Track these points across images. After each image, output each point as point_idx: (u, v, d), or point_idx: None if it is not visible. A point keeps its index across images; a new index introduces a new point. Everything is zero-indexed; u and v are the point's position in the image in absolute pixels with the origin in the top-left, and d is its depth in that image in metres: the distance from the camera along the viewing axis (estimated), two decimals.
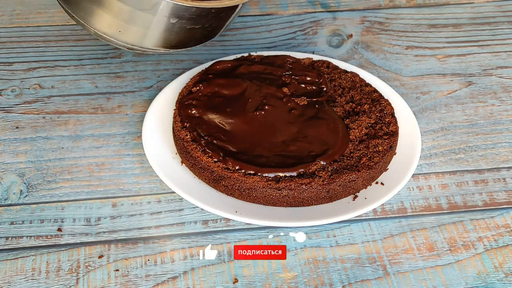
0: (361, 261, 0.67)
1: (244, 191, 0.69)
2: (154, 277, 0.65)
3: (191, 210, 0.71)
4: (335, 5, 0.99)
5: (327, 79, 0.81)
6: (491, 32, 0.94)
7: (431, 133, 0.80)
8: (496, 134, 0.80)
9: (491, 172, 0.76)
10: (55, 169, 0.75)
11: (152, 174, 0.74)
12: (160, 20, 0.69)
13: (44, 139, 0.78)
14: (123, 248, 0.68)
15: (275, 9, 0.98)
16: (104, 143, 0.78)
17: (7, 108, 0.82)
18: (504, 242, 0.69)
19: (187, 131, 0.73)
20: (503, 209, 0.72)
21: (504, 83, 0.87)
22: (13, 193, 0.73)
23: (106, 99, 0.84)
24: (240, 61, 0.82)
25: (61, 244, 0.68)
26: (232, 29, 0.94)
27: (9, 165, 0.75)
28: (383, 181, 0.72)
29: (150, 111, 0.78)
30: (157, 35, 0.72)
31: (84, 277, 0.65)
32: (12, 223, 0.70)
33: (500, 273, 0.66)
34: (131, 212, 0.71)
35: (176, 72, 0.87)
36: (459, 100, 0.84)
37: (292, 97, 0.77)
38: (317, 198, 0.70)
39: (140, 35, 0.72)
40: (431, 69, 0.89)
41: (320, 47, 0.92)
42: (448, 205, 0.72)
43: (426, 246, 0.68)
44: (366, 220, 0.71)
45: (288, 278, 0.66)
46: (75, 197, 0.72)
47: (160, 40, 0.72)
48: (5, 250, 0.67)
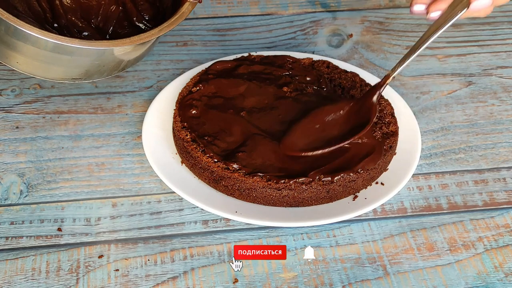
0: (361, 261, 0.67)
1: (244, 191, 0.69)
2: (154, 277, 0.65)
3: (191, 210, 0.71)
4: (335, 5, 0.99)
5: (327, 79, 0.81)
6: (491, 32, 0.94)
7: (431, 133, 0.80)
8: (496, 134, 0.80)
9: (491, 172, 0.76)
10: (55, 169, 0.75)
11: (152, 174, 0.74)
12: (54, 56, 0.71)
13: (44, 139, 0.78)
14: (123, 248, 0.68)
15: (275, 9, 0.98)
16: (104, 143, 0.78)
17: (7, 108, 0.82)
18: (504, 242, 0.69)
19: (187, 131, 0.73)
20: (503, 209, 0.72)
21: (504, 83, 0.87)
22: (13, 193, 0.73)
23: (106, 99, 0.84)
24: (240, 61, 0.82)
25: (61, 244, 0.68)
26: (232, 29, 0.94)
27: (9, 165, 0.75)
28: (383, 181, 0.72)
29: (150, 111, 0.78)
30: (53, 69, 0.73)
31: (84, 277, 0.65)
32: (12, 223, 0.70)
33: (500, 273, 0.66)
34: (131, 212, 0.71)
35: (176, 72, 0.87)
36: (459, 100, 0.84)
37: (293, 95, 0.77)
38: (317, 198, 0.70)
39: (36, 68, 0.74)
40: (431, 69, 0.89)
41: (320, 47, 0.92)
42: (448, 205, 0.72)
43: (426, 246, 0.68)
44: (366, 220, 0.71)
45: (288, 278, 0.66)
46: (75, 197, 0.72)
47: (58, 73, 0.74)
48: (5, 250, 0.67)
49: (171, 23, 0.74)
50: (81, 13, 0.81)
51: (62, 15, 0.80)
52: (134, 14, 0.81)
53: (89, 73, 0.74)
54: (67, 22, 0.80)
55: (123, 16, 0.82)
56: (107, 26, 0.82)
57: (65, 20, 0.80)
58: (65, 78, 0.74)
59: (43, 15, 0.79)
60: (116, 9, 0.82)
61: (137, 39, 0.71)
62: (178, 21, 0.74)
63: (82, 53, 0.70)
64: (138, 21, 0.82)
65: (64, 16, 0.80)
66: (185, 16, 0.74)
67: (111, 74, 0.77)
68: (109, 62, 0.74)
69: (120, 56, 0.74)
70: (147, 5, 0.83)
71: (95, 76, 0.75)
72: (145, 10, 0.82)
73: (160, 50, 0.90)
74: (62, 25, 0.79)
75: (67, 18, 0.80)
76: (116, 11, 0.81)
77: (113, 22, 0.81)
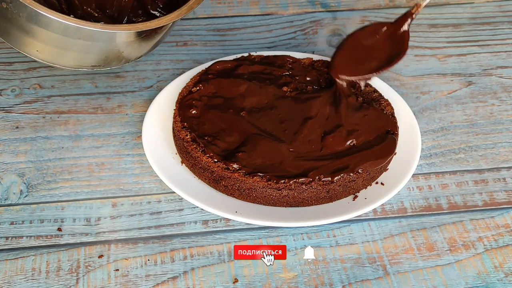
0: (361, 261, 0.67)
1: (244, 191, 0.69)
2: (154, 277, 0.65)
3: (191, 210, 0.71)
4: (335, 5, 0.99)
5: (327, 79, 0.81)
6: (491, 32, 0.94)
7: (431, 133, 0.80)
8: (496, 134, 0.80)
9: (491, 172, 0.76)
10: (55, 169, 0.75)
11: (152, 174, 0.74)
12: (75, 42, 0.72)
13: (44, 139, 0.78)
14: (123, 248, 0.68)
15: (275, 9, 0.98)
16: (104, 143, 0.78)
17: (7, 108, 0.82)
18: (504, 242, 0.69)
19: (187, 131, 0.73)
20: (503, 209, 0.72)
21: (504, 83, 0.87)
22: (13, 193, 0.73)
23: (106, 99, 0.84)
24: (240, 61, 0.82)
25: (61, 244, 0.68)
26: (232, 29, 0.94)
27: (9, 165, 0.75)
28: (383, 181, 0.72)
29: (150, 111, 0.78)
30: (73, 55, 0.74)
31: (84, 277, 0.65)
32: (12, 223, 0.70)
33: (500, 273, 0.66)
34: (131, 212, 0.71)
35: (176, 72, 0.87)
36: (459, 100, 0.84)
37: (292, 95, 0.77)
38: (317, 198, 0.70)
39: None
40: (431, 69, 0.89)
41: (320, 47, 0.92)
42: (448, 205, 0.72)
43: (426, 246, 0.68)
44: (366, 220, 0.71)
45: (288, 278, 0.66)
46: (75, 197, 0.72)
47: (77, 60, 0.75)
48: (5, 250, 0.67)
49: (189, 6, 0.75)
50: (95, 3, 0.81)
51: (78, 6, 0.80)
52: (148, 2, 0.82)
53: (108, 59, 0.75)
54: (82, 13, 0.80)
55: (137, 5, 0.83)
56: (122, 16, 0.82)
57: (81, 11, 0.80)
58: (84, 65, 0.75)
59: (59, 6, 0.80)
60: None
61: (156, 23, 0.72)
62: (196, 4, 0.75)
63: (102, 38, 0.71)
64: (152, 9, 0.82)
65: (79, 7, 0.80)
66: (201, 1, 0.75)
67: (128, 61, 0.78)
68: (128, 48, 0.74)
69: (139, 42, 0.74)
70: None
71: (113, 63, 0.76)
72: None
73: (160, 50, 0.90)
74: (77, 16, 0.80)
75: (82, 9, 0.80)
76: (130, 0, 0.82)
77: (128, 12, 0.82)
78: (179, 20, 0.75)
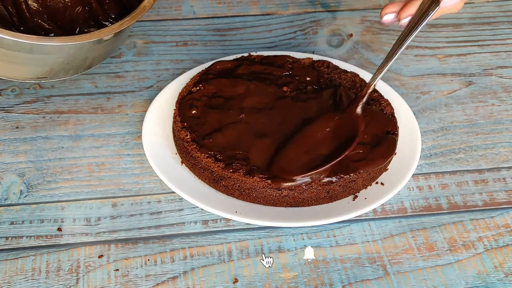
0: (361, 261, 0.67)
1: (244, 191, 0.69)
2: (154, 277, 0.65)
3: (191, 210, 0.71)
4: (335, 4, 0.99)
5: (327, 79, 0.81)
6: (491, 32, 0.94)
7: (431, 133, 0.80)
8: (496, 134, 0.80)
9: (491, 172, 0.76)
10: (55, 169, 0.75)
11: (152, 174, 0.74)
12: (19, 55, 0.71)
13: (44, 139, 0.78)
14: (123, 248, 0.68)
15: (275, 9, 0.98)
16: (104, 143, 0.78)
17: (7, 108, 0.82)
18: (504, 242, 0.69)
19: (187, 131, 0.73)
20: (503, 209, 0.72)
21: (504, 83, 0.87)
22: (13, 193, 0.73)
23: (106, 99, 0.84)
24: (240, 61, 0.82)
25: (61, 244, 0.68)
26: (232, 29, 0.94)
27: (9, 165, 0.75)
28: (383, 181, 0.72)
29: (150, 111, 0.78)
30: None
31: (84, 277, 0.65)
32: (12, 223, 0.70)
33: (500, 273, 0.66)
34: (131, 212, 0.71)
35: (176, 72, 0.87)
36: (459, 100, 0.84)
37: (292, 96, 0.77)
38: (317, 198, 0.70)
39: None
40: (431, 69, 0.89)
41: (320, 47, 0.92)
42: (448, 205, 0.72)
43: (426, 246, 0.68)
44: (366, 220, 0.71)
45: (288, 278, 0.66)
46: (75, 197, 0.72)
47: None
48: (5, 250, 0.67)
49: (132, 18, 0.74)
50: (47, 15, 0.82)
51: (29, 19, 0.80)
52: (100, 13, 0.82)
53: (54, 71, 0.74)
54: (33, 25, 0.80)
55: (89, 16, 0.83)
56: (73, 27, 0.82)
57: (32, 23, 0.80)
58: (31, 77, 0.75)
59: (10, 19, 0.80)
60: (82, 9, 0.83)
61: (96, 34, 0.72)
62: (140, 15, 0.75)
63: (43, 50, 0.70)
64: (104, 20, 0.82)
65: (30, 19, 0.80)
66: (147, 10, 0.75)
67: (77, 72, 0.77)
68: (73, 59, 0.74)
69: (83, 53, 0.74)
70: (112, 4, 0.83)
71: (60, 74, 0.75)
72: (111, 8, 0.83)
73: (160, 50, 0.90)
74: (29, 28, 0.80)
75: (33, 21, 0.81)
76: (82, 11, 0.82)
77: (80, 23, 0.82)
78: (130, 27, 0.74)
